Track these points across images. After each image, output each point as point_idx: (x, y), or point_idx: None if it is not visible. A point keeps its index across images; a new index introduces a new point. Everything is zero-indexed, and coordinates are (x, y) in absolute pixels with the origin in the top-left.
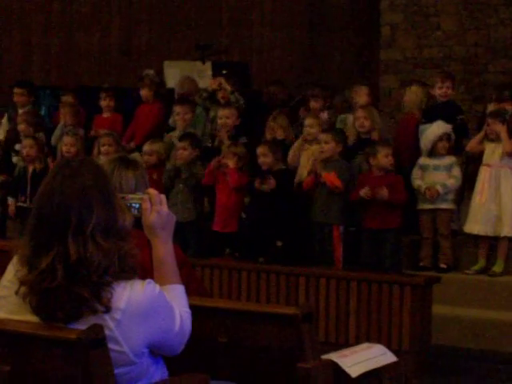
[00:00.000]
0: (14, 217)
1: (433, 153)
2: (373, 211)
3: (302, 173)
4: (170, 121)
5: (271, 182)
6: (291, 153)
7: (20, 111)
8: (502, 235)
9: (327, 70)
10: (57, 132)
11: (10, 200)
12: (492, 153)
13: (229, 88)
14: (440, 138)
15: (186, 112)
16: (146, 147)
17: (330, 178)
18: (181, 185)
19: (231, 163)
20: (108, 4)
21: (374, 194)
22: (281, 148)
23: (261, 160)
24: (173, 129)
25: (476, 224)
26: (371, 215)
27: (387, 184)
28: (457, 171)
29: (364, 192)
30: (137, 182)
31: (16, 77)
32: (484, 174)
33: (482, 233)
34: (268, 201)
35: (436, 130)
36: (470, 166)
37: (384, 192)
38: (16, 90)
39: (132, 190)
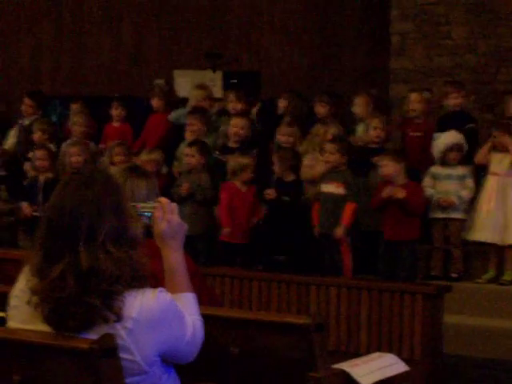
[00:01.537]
0: (30, 219)
1: (444, 162)
2: (391, 222)
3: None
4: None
5: (271, 193)
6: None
7: (26, 121)
8: (508, 243)
9: (337, 79)
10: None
11: (25, 204)
12: (499, 162)
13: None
14: (450, 149)
15: (194, 123)
16: (144, 156)
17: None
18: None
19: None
20: (118, 13)
21: (393, 194)
22: (294, 157)
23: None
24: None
25: (483, 232)
26: (389, 226)
27: (409, 192)
28: (470, 182)
29: (385, 192)
30: (148, 191)
31: (26, 86)
32: (492, 183)
33: (489, 240)
34: (283, 212)
35: (446, 139)
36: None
37: (399, 192)
38: (26, 101)
39: (144, 199)
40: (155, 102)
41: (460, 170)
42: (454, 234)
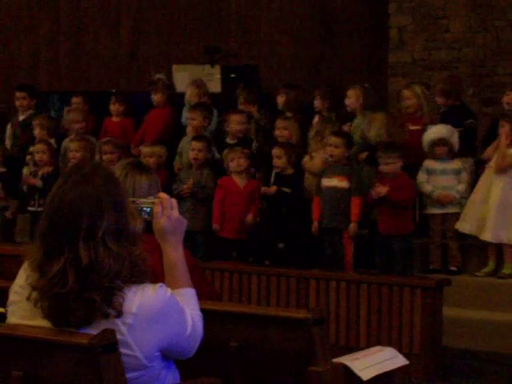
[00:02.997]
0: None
1: (432, 156)
2: (384, 216)
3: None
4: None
5: (270, 190)
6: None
7: (21, 116)
8: None
9: (336, 73)
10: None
11: (25, 173)
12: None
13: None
14: (434, 143)
15: (195, 118)
16: (146, 149)
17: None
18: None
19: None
20: (116, 8)
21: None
22: (294, 151)
23: (275, 162)
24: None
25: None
26: (383, 220)
27: (398, 186)
28: (465, 176)
29: (374, 194)
30: (150, 187)
31: (24, 82)
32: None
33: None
34: (283, 205)
35: (430, 134)
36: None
37: (381, 189)
38: (18, 95)
39: (145, 195)
40: (157, 97)
41: (455, 165)
42: (450, 228)
